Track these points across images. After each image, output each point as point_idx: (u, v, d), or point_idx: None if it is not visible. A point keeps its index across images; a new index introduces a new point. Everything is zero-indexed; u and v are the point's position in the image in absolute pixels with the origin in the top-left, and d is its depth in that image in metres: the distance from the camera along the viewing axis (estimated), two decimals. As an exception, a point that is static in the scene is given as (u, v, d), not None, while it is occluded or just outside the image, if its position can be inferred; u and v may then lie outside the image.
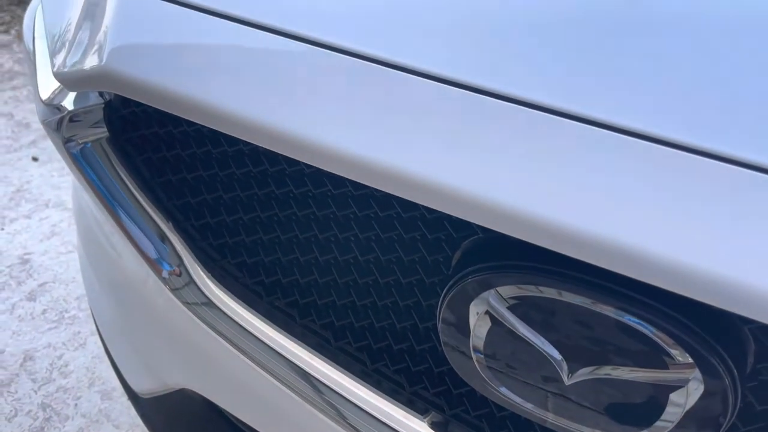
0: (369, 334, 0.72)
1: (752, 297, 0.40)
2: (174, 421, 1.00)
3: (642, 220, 0.43)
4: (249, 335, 0.75)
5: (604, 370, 0.50)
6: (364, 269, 0.68)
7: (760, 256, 0.41)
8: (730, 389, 0.47)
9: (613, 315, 0.48)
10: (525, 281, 0.50)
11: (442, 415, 0.70)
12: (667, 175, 0.44)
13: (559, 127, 0.47)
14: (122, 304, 0.91)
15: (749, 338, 0.49)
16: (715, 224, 0.42)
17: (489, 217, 0.47)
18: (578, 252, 0.45)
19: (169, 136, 0.70)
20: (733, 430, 0.54)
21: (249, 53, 0.57)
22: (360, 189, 0.60)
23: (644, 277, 0.43)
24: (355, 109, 0.51)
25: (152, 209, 0.75)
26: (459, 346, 0.57)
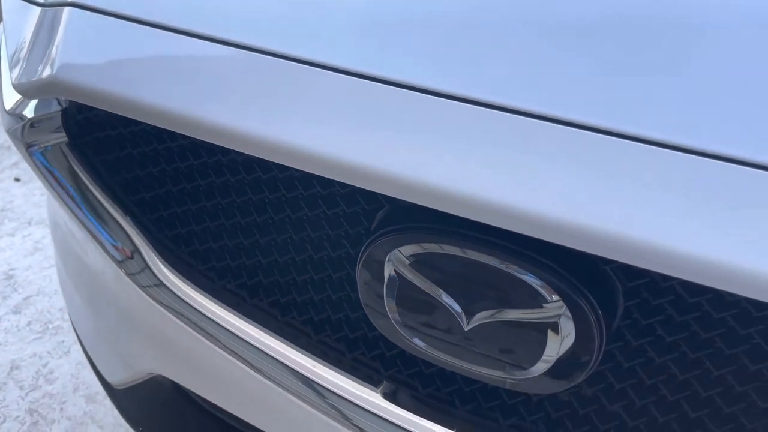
0: (312, 309, 0.79)
1: (602, 237, 0.48)
2: (148, 409, 1.07)
3: (512, 181, 0.51)
4: (202, 316, 0.82)
5: (494, 314, 0.58)
6: (305, 248, 0.75)
7: (607, 202, 0.48)
8: (595, 326, 0.55)
9: (497, 265, 0.55)
10: (422, 240, 0.57)
11: (394, 384, 0.77)
12: (529, 140, 0.52)
13: (439, 107, 0.55)
14: (91, 297, 0.99)
15: (615, 283, 0.57)
16: (570, 180, 0.50)
17: (391, 187, 0.55)
18: (463, 211, 0.53)
19: (120, 137, 0.78)
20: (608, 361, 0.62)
21: (179, 57, 0.65)
22: (283, 171, 0.68)
23: (517, 229, 0.51)
24: (266, 100, 0.59)
25: (110, 205, 0.82)
26: (376, 306, 0.64)
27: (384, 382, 0.77)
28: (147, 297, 0.80)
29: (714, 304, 0.56)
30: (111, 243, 0.80)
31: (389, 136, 0.56)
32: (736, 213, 0.46)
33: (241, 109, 0.59)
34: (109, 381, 1.09)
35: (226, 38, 0.64)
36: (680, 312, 0.57)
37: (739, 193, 0.46)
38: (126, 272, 0.78)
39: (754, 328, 0.55)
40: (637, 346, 0.61)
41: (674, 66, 0.51)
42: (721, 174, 0.46)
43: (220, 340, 0.82)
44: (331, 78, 0.59)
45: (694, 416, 0.63)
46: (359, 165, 0.55)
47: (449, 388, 0.74)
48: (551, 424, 0.70)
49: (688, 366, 0.60)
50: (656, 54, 0.52)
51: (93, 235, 0.81)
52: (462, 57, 0.56)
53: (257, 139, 0.57)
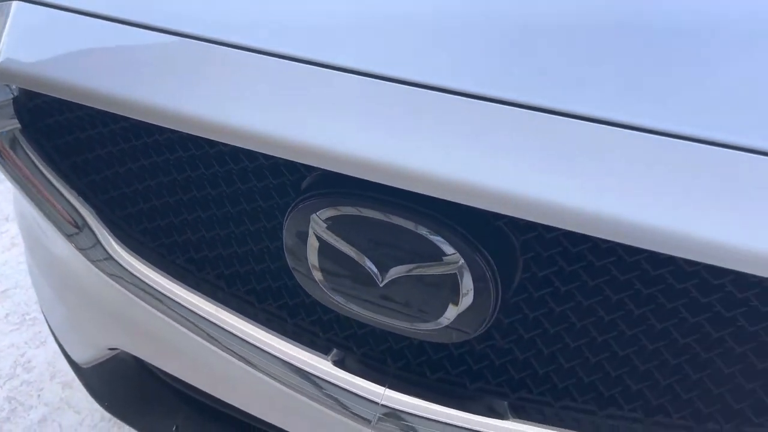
0: (254, 279, 0.84)
1: (488, 193, 0.54)
2: (112, 385, 1.12)
3: (414, 147, 0.56)
4: (153, 289, 0.87)
5: (403, 270, 0.63)
6: (242, 220, 0.81)
7: (495, 162, 0.54)
8: (490, 277, 0.60)
9: (402, 224, 0.61)
10: (336, 203, 0.63)
11: (343, 352, 0.82)
12: (427, 111, 0.57)
13: (346, 82, 0.60)
14: (53, 278, 1.04)
15: (510, 237, 0.63)
16: (464, 145, 0.55)
17: (311, 157, 0.60)
18: (372, 176, 0.58)
19: (69, 122, 0.83)
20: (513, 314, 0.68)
21: (117, 45, 0.70)
22: (213, 146, 0.73)
23: (411, 188, 0.57)
24: (196, 81, 0.64)
25: (63, 187, 0.87)
26: (302, 269, 0.70)
27: (334, 350, 0.83)
28: (99, 272, 0.85)
29: (596, 253, 0.62)
30: (65, 222, 0.85)
31: (303, 110, 0.61)
32: (604, 166, 0.52)
33: (170, 90, 0.64)
34: (76, 360, 1.14)
35: (159, 26, 0.70)
36: (569, 263, 0.63)
37: (605, 147, 0.52)
38: (77, 247, 0.83)
39: (633, 273, 0.61)
40: (539, 297, 0.67)
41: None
42: (591, 135, 0.52)
43: (172, 312, 0.88)
44: (253, 59, 0.64)
45: (594, 361, 0.69)
46: (277, 137, 0.61)
47: (381, 346, 0.80)
48: (473, 376, 0.76)
49: (583, 314, 0.66)
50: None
51: (49, 216, 0.86)
52: (366, 34, 0.62)
53: (185, 117, 0.63)
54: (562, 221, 0.52)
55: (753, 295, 0.58)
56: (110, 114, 0.78)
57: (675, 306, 0.62)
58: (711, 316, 0.61)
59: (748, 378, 0.64)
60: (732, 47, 0.54)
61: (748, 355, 0.62)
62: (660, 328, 0.64)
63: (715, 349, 0.63)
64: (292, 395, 0.84)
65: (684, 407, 0.68)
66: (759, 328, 0.60)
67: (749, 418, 0.66)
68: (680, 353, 0.65)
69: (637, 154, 0.51)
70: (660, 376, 0.67)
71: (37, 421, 1.58)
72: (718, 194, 0.49)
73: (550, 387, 0.73)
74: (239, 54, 0.65)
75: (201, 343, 0.87)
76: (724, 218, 0.49)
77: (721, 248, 0.49)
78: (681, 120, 0.51)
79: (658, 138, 0.51)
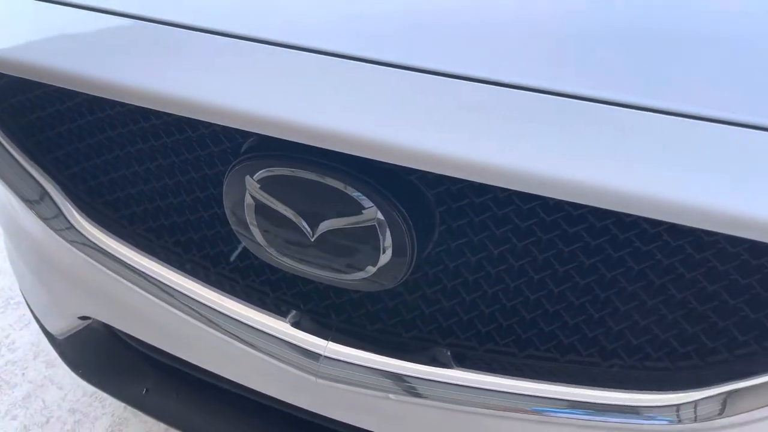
0: (207, 244, 0.91)
1: (398, 149, 0.60)
2: (85, 353, 1.19)
3: (327, 110, 0.63)
4: (115, 257, 0.94)
5: (330, 224, 0.70)
6: (192, 188, 0.87)
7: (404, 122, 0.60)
8: (407, 231, 0.67)
9: (326, 182, 0.68)
10: (267, 165, 0.69)
11: (300, 313, 0.89)
12: (336, 78, 0.64)
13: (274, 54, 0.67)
14: (24, 252, 1.10)
15: (424, 192, 0.70)
16: (375, 107, 0.62)
17: (240, 122, 0.67)
18: (296, 137, 0.65)
19: (31, 101, 0.89)
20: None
21: (76, 28, 0.76)
22: (159, 118, 0.79)
23: (325, 145, 0.63)
24: (148, 58, 0.71)
25: (29, 164, 0.93)
26: (242, 230, 0.76)
27: (293, 312, 0.89)
28: (63, 241, 0.91)
29: (498, 204, 0.68)
30: (30, 195, 0.91)
31: (235, 80, 0.68)
32: (515, 127, 0.58)
33: (118, 66, 0.71)
34: (51, 332, 1.20)
35: (114, 9, 0.76)
36: (477, 214, 0.70)
37: (510, 108, 0.58)
38: (39, 216, 0.90)
39: (532, 220, 0.68)
40: (456, 247, 0.74)
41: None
42: (487, 95, 0.59)
43: (133, 278, 0.94)
44: (194, 37, 0.71)
45: (509, 305, 0.76)
46: (212, 105, 0.67)
47: (325, 302, 0.87)
48: (406, 325, 0.83)
49: (496, 261, 0.73)
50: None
51: (15, 191, 0.93)
52: (287, 10, 0.68)
53: (135, 90, 0.69)
54: (463, 173, 0.58)
55: (635, 235, 0.65)
56: (66, 92, 0.84)
57: (573, 250, 0.69)
58: (604, 258, 0.68)
59: (644, 316, 0.71)
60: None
61: (640, 293, 0.69)
62: (562, 271, 0.71)
63: (612, 288, 0.70)
64: (246, 352, 0.90)
65: (592, 345, 0.75)
66: (645, 266, 0.67)
67: (648, 353, 0.73)
68: (582, 294, 0.72)
69: (528, 111, 0.58)
70: (568, 317, 0.74)
71: (21, 398, 1.64)
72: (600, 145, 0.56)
73: (475, 333, 0.80)
74: (182, 33, 0.71)
75: (161, 306, 0.93)
76: (600, 164, 0.56)
77: (602, 192, 0.56)
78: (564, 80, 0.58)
79: (544, 96, 0.58)
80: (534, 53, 0.62)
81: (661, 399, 0.70)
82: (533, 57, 0.62)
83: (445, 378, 0.80)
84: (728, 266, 0.63)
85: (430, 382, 0.81)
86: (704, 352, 0.70)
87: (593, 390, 0.75)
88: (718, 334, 0.68)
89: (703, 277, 0.66)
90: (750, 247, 0.61)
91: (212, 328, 0.92)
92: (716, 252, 0.63)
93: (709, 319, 0.68)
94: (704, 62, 0.60)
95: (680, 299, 0.68)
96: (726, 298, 0.66)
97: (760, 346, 0.67)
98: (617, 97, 0.55)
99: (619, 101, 0.55)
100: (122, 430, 1.56)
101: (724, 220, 0.52)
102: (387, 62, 0.62)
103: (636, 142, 0.54)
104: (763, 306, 0.65)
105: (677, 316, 0.69)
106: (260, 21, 0.71)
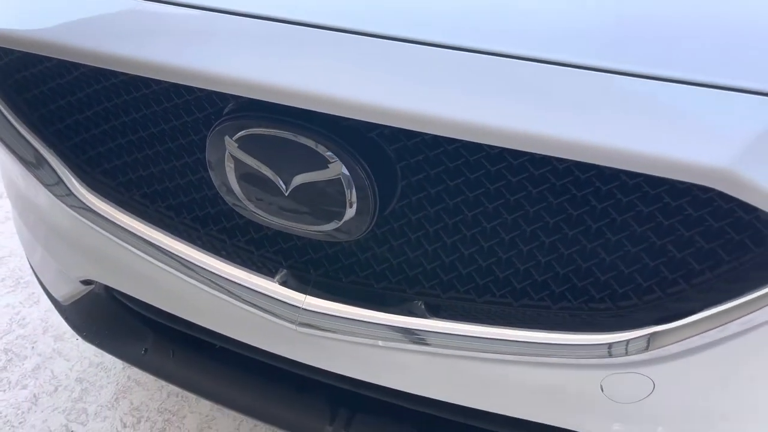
0: (197, 207, 0.99)
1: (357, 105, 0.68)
2: (88, 317, 1.27)
3: (300, 72, 0.71)
4: (113, 223, 1.02)
5: (301, 178, 0.78)
6: (181, 154, 0.95)
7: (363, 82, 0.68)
8: (369, 185, 0.75)
9: (295, 139, 0.75)
10: (245, 126, 0.77)
11: (289, 271, 0.96)
12: (305, 45, 0.71)
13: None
14: (32, 222, 1.18)
15: (383, 147, 0.77)
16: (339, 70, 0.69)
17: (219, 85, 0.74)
18: (269, 97, 0.73)
19: (34, 76, 0.97)
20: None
21: (75, 6, 0.84)
22: (148, 87, 0.87)
23: (294, 103, 0.71)
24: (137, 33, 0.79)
25: (33, 138, 1.01)
26: (224, 187, 0.84)
27: (282, 271, 0.97)
28: (65, 206, 0.99)
29: (449, 157, 0.76)
30: (33, 164, 1.00)
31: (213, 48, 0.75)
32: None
33: (115, 38, 0.79)
34: (57, 298, 1.29)
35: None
36: (432, 167, 0.77)
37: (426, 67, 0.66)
38: (42, 182, 0.98)
39: (480, 172, 0.75)
40: (416, 200, 0.81)
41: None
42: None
43: (131, 240, 1.02)
44: (186, 13, 0.79)
45: (467, 253, 0.84)
46: (195, 70, 0.75)
47: (304, 258, 0.95)
48: (377, 277, 0.90)
49: (452, 213, 0.81)
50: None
51: (20, 160, 1.01)
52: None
53: (129, 60, 0.77)
54: (404, 123, 0.66)
55: (570, 182, 0.72)
56: (66, 66, 0.93)
57: (518, 199, 0.76)
58: (547, 206, 0.76)
59: (586, 259, 0.78)
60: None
61: (581, 239, 0.77)
62: (510, 219, 0.78)
63: (556, 234, 0.78)
64: (233, 306, 0.98)
65: (541, 289, 0.82)
66: (582, 212, 0.74)
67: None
68: (530, 241, 0.79)
69: (461, 71, 0.65)
70: (519, 263, 0.81)
71: (31, 369, 1.73)
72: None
73: (438, 282, 0.87)
74: (169, 8, 0.79)
75: (155, 265, 1.01)
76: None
77: (524, 136, 0.63)
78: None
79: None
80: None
81: (596, 339, 0.78)
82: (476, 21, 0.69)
83: (408, 324, 0.88)
84: (652, 208, 0.71)
85: (397, 329, 0.89)
86: (641, 291, 0.77)
87: (546, 333, 0.82)
88: (651, 274, 0.75)
89: (633, 220, 0.73)
90: (669, 189, 0.69)
91: (203, 284, 1.00)
92: (641, 195, 0.71)
93: (641, 261, 0.75)
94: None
95: (615, 242, 0.75)
96: (655, 240, 0.73)
97: (689, 284, 0.74)
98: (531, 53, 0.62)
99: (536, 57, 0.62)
100: (126, 396, 1.65)
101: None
102: (342, 29, 0.70)
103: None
104: (686, 246, 0.72)
105: (614, 259, 0.76)
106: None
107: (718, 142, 0.60)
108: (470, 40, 0.65)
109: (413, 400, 0.99)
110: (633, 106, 0.63)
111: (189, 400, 1.64)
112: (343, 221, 0.79)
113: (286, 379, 1.11)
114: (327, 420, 1.08)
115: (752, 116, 0.60)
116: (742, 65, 0.64)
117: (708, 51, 0.66)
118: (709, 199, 0.68)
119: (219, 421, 1.59)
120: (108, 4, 0.84)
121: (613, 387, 0.82)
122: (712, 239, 0.71)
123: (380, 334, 0.90)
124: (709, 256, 0.72)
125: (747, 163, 0.58)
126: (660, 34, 0.68)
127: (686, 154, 0.60)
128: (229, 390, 1.14)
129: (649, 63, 0.64)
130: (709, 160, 0.59)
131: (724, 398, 0.80)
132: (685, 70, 0.64)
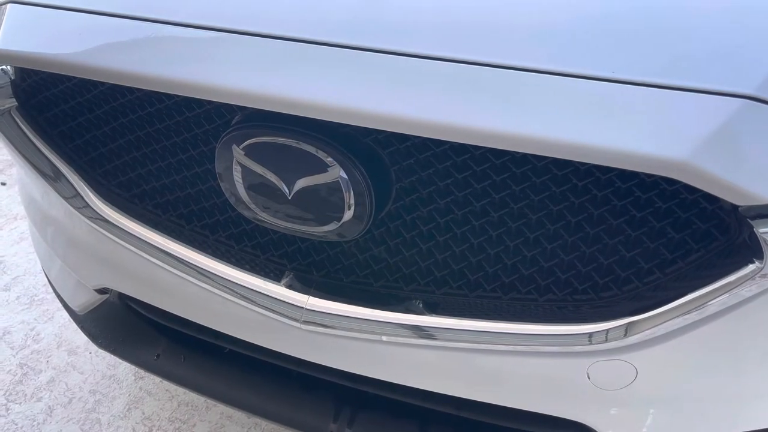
0: (206, 215, 1.05)
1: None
2: (103, 325, 1.33)
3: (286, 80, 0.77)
4: (127, 233, 1.08)
5: (303, 182, 0.84)
6: (191, 164, 1.01)
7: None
8: (366, 189, 0.81)
9: (298, 146, 0.82)
10: (251, 135, 0.84)
11: (293, 273, 1.02)
12: (302, 58, 0.78)
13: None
14: (49, 235, 1.25)
15: (377, 151, 0.84)
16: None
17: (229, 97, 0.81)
18: (275, 107, 0.79)
19: (55, 96, 1.04)
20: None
21: (92, 28, 0.92)
22: (160, 102, 0.95)
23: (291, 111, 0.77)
24: (146, 49, 0.86)
25: (52, 154, 1.08)
26: (231, 193, 0.90)
27: (288, 275, 1.03)
28: (83, 217, 1.06)
29: (438, 159, 0.82)
30: (52, 178, 1.07)
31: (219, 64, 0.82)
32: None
33: (130, 57, 0.86)
34: (73, 308, 1.35)
35: (117, 12, 0.91)
36: (423, 169, 0.84)
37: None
38: (60, 195, 1.05)
39: (466, 172, 0.82)
40: (410, 202, 0.88)
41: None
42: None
43: (145, 248, 1.09)
44: (191, 33, 0.86)
45: (458, 250, 0.90)
46: (205, 84, 0.82)
47: (307, 260, 1.01)
48: (375, 276, 0.96)
49: (444, 211, 0.87)
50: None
51: (40, 173, 1.08)
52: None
53: (144, 77, 0.84)
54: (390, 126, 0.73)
55: (549, 179, 0.78)
56: (84, 85, 1.00)
57: (503, 197, 0.82)
58: (529, 203, 0.82)
59: (567, 252, 0.84)
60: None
61: (562, 233, 0.83)
62: (497, 217, 0.84)
63: (539, 230, 0.84)
64: (242, 308, 1.04)
65: (528, 283, 0.88)
66: (561, 208, 0.80)
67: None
68: (516, 237, 0.85)
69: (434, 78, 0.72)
70: (506, 259, 0.87)
71: (46, 382, 1.79)
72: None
73: (432, 278, 0.93)
74: (175, 29, 0.87)
75: (168, 271, 1.07)
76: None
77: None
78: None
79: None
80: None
81: (580, 329, 0.83)
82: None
83: (404, 321, 0.94)
84: (625, 202, 0.77)
85: (394, 325, 0.94)
86: (619, 282, 0.83)
87: (531, 325, 0.88)
88: (628, 264, 0.81)
89: (609, 214, 0.79)
90: (640, 183, 0.75)
91: (213, 288, 1.06)
92: (614, 190, 0.77)
93: (619, 252, 0.81)
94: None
95: (593, 235, 0.81)
96: (630, 232, 0.79)
97: (663, 273, 0.80)
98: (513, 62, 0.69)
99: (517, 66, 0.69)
100: (138, 406, 1.70)
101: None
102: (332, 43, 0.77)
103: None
104: (659, 237, 0.78)
105: (594, 251, 0.82)
106: (235, 13, 0.86)
107: (678, 137, 0.66)
108: (449, 51, 0.72)
109: (412, 395, 1.05)
110: (604, 109, 0.69)
111: (199, 409, 1.70)
112: (342, 222, 0.85)
113: (291, 379, 1.16)
114: (331, 417, 1.13)
115: (709, 114, 0.67)
116: (702, 67, 0.70)
117: (672, 54, 0.73)
118: (676, 191, 0.74)
119: (228, 429, 1.64)
120: (121, 27, 0.91)
121: (598, 374, 0.87)
122: (682, 230, 0.77)
123: (380, 331, 0.95)
124: (679, 246, 0.78)
125: (704, 155, 0.65)
126: (627, 39, 0.74)
127: (651, 148, 0.66)
128: (236, 391, 1.19)
129: (621, 68, 0.71)
130: (670, 153, 0.65)
131: (702, 382, 0.86)
132: (649, 74, 0.70)
